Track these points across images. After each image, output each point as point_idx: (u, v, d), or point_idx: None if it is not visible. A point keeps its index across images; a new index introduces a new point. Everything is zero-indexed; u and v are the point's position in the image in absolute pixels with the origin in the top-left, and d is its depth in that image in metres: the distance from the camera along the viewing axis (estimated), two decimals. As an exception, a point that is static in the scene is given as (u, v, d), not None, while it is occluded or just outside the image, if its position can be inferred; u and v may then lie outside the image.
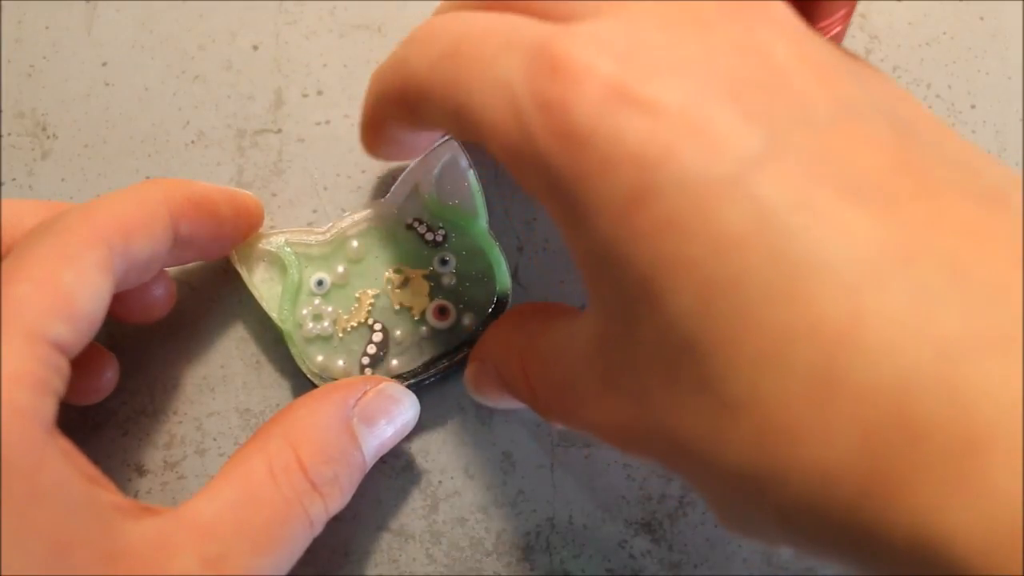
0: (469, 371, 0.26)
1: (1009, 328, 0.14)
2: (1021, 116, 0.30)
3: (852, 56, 0.20)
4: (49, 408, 0.20)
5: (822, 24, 0.26)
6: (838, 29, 0.27)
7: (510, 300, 0.28)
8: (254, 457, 0.23)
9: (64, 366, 0.21)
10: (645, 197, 0.17)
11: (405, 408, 0.26)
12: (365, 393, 0.25)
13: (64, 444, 0.21)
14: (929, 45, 0.31)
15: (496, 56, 0.19)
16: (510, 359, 0.23)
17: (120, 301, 0.25)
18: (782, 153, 0.16)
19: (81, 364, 0.22)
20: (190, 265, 0.29)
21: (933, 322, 0.14)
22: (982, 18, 0.31)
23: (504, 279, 0.28)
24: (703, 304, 0.16)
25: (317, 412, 0.24)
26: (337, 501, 0.24)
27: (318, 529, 0.23)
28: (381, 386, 0.26)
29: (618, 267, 0.17)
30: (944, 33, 0.31)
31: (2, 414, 0.19)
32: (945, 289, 0.15)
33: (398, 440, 0.26)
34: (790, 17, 0.19)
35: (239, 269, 0.27)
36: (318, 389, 0.26)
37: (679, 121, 0.17)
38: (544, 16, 0.20)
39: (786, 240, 0.15)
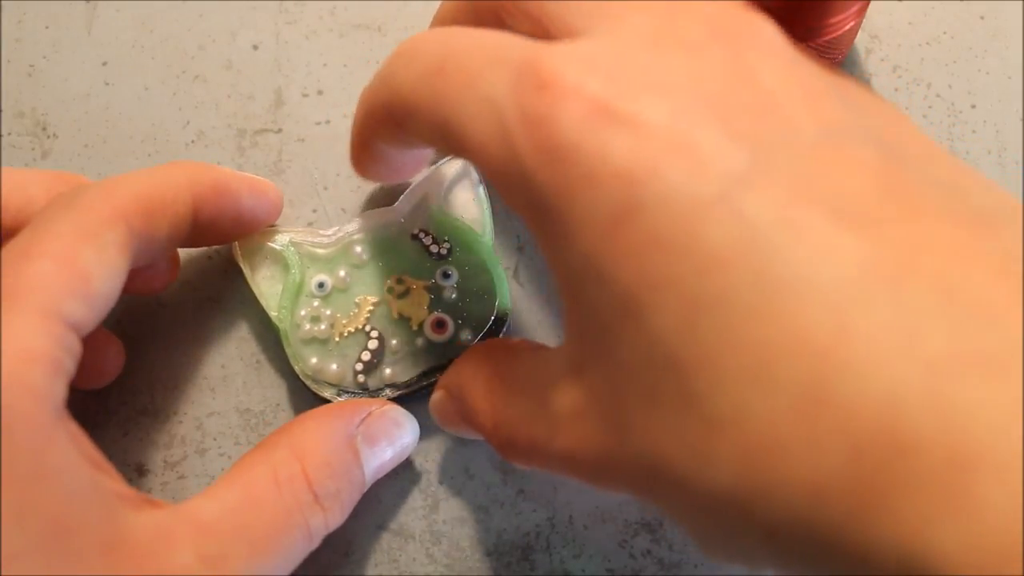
0: (434, 399, 0.25)
1: (996, 347, 0.14)
2: (1021, 116, 0.30)
3: (841, 77, 0.20)
4: (60, 389, 0.20)
5: (836, 19, 0.26)
6: (851, 24, 0.27)
7: (509, 320, 0.28)
8: (259, 464, 0.23)
9: (76, 347, 0.21)
10: (629, 214, 0.17)
11: (406, 432, 0.26)
12: (370, 414, 0.25)
13: (72, 427, 0.21)
14: (929, 45, 0.31)
15: (482, 73, 0.19)
16: (475, 390, 0.23)
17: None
18: (767, 173, 0.16)
19: (88, 347, 0.22)
20: (192, 265, 0.29)
21: (920, 340, 0.14)
22: (982, 18, 0.31)
23: (505, 298, 0.28)
24: (687, 322, 0.16)
25: (324, 427, 0.24)
26: (337, 516, 0.24)
27: (316, 543, 0.23)
28: (385, 408, 0.26)
29: (599, 284, 0.17)
30: (944, 33, 0.31)
31: (14, 393, 0.19)
32: (932, 308, 0.15)
33: (396, 464, 0.26)
34: (779, 39, 0.19)
35: (241, 264, 0.27)
36: (325, 406, 0.26)
37: (664, 139, 0.17)
38: (535, 31, 0.20)
39: (770, 258, 0.15)
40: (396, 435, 0.26)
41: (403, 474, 0.27)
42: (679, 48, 0.18)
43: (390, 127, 0.22)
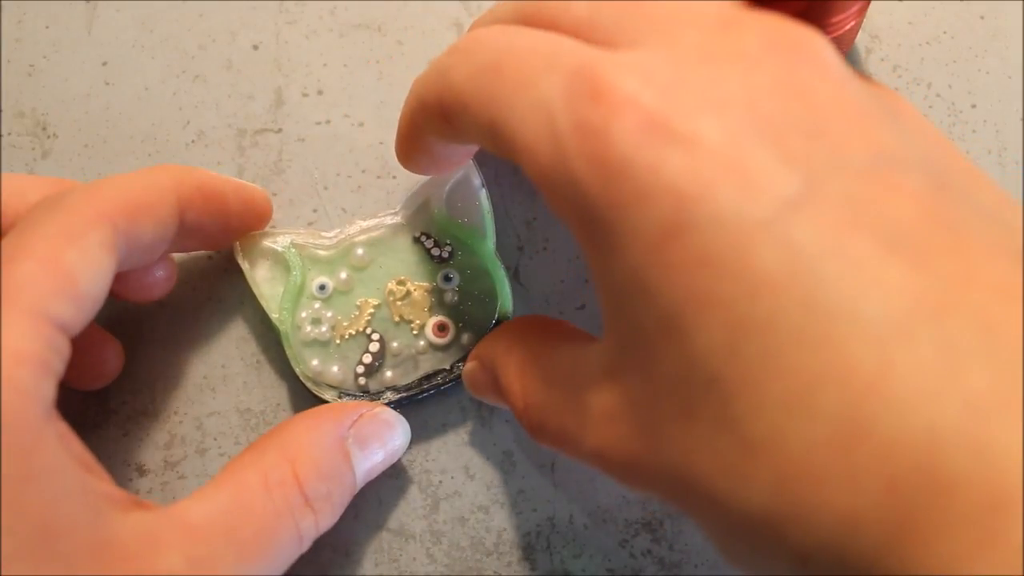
0: (467, 368, 0.26)
1: None
2: (1021, 116, 0.30)
3: (887, 94, 0.20)
4: (49, 390, 0.20)
5: (836, 19, 0.26)
6: (852, 24, 0.27)
7: None
8: (249, 467, 0.23)
9: (65, 347, 0.21)
10: (679, 231, 0.17)
11: (397, 434, 0.26)
12: (360, 416, 0.25)
13: (61, 428, 0.21)
14: (929, 44, 0.31)
15: (537, 76, 0.19)
16: (508, 369, 0.23)
17: (120, 280, 0.25)
18: (819, 198, 0.16)
19: (86, 348, 0.22)
20: (192, 265, 0.29)
21: (961, 378, 0.14)
22: (982, 17, 0.31)
23: (506, 302, 0.28)
24: (731, 343, 0.16)
25: (314, 429, 0.24)
26: (327, 519, 0.24)
27: (306, 545, 0.23)
28: (376, 410, 0.26)
29: (644, 299, 0.17)
30: (944, 32, 0.31)
31: (2, 393, 0.19)
32: (975, 346, 0.15)
33: (387, 466, 0.26)
34: (833, 56, 0.19)
35: (243, 265, 0.27)
36: (316, 408, 0.26)
37: (718, 159, 0.17)
38: (589, 38, 0.20)
39: (819, 286, 0.16)
40: (387, 437, 0.26)
41: (403, 474, 0.28)
42: (734, 62, 0.18)
43: (439, 121, 0.22)
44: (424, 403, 0.28)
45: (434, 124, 0.23)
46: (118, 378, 0.27)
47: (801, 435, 0.15)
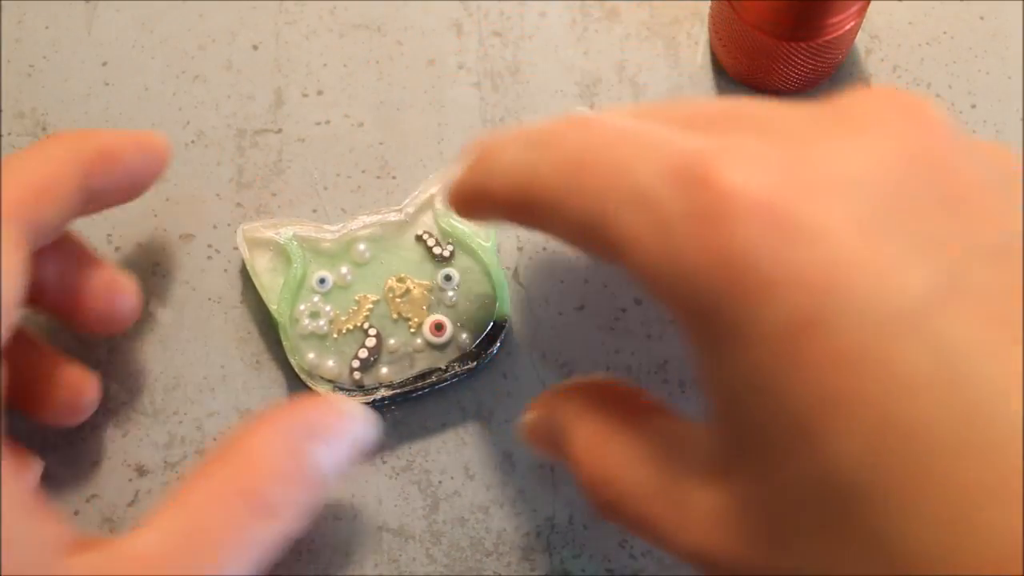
0: (528, 419, 0.24)
1: None
2: (1021, 116, 0.30)
3: (999, 157, 0.19)
4: None
5: (836, 19, 0.26)
6: (851, 24, 0.27)
7: (508, 326, 0.28)
8: (202, 486, 0.22)
9: None
10: (812, 326, 0.15)
11: (355, 422, 0.24)
12: (313, 410, 0.24)
13: (5, 468, 0.20)
14: (929, 45, 0.31)
15: (631, 164, 0.18)
16: (577, 435, 0.21)
17: (84, 315, 0.25)
18: (962, 288, 0.15)
19: (60, 383, 0.21)
20: (191, 265, 0.29)
21: None
22: (982, 18, 0.31)
23: (505, 304, 0.28)
24: (874, 449, 0.15)
25: (267, 434, 0.23)
26: (294, 522, 0.22)
27: (275, 551, 0.22)
28: (329, 402, 0.24)
29: (769, 397, 0.16)
30: (944, 33, 0.31)
31: None
32: None
33: (355, 453, 0.24)
34: (951, 123, 0.18)
35: (244, 255, 0.28)
36: (263, 412, 0.24)
37: (849, 248, 0.16)
38: (680, 126, 0.19)
39: (974, 387, 0.14)
40: (345, 428, 0.24)
41: (403, 474, 0.27)
42: (852, 134, 0.17)
43: (520, 214, 0.21)
44: (424, 403, 0.28)
45: (511, 213, 0.21)
46: (118, 378, 0.27)
47: (967, 554, 0.14)
